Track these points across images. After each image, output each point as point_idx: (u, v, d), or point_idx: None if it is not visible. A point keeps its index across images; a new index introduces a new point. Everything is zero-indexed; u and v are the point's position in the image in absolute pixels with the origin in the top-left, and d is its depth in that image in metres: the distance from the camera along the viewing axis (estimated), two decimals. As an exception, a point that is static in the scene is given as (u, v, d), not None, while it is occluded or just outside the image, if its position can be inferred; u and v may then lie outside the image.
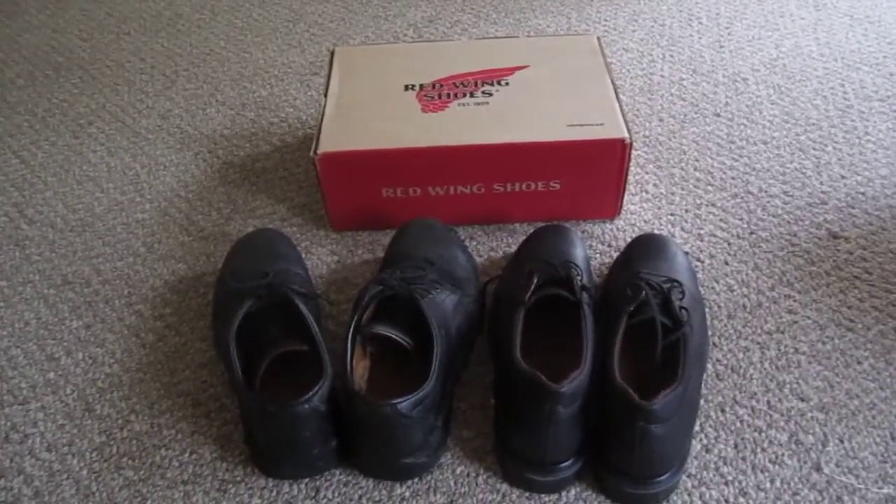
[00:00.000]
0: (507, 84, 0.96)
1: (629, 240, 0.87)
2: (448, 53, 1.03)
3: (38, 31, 1.40)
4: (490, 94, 0.94)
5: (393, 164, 0.89)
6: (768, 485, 0.70)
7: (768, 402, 0.76)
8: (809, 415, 0.75)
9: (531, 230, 0.88)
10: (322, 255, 0.93)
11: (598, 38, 1.03)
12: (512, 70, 0.98)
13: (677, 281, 0.74)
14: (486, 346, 0.81)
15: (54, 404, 0.79)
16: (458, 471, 0.72)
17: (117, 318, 0.88)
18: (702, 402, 0.76)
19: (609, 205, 0.94)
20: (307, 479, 0.72)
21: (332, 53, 1.03)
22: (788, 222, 0.94)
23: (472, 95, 0.94)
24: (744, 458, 0.72)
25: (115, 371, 0.82)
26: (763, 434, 0.73)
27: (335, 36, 1.34)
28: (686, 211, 0.97)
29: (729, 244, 0.92)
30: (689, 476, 0.70)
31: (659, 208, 0.97)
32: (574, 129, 0.88)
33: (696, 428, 0.74)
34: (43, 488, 0.72)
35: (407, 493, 0.70)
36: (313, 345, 0.72)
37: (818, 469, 0.71)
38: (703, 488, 0.70)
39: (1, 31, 1.40)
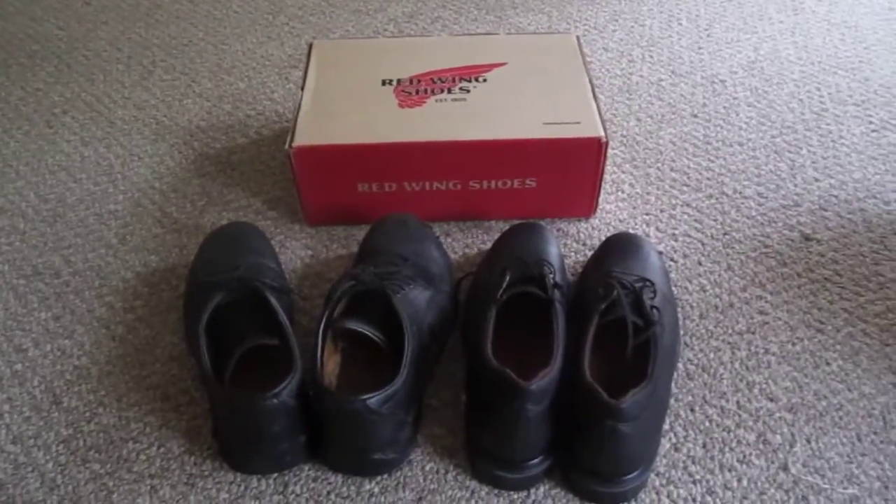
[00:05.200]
0: (484, 81, 0.96)
1: (604, 238, 0.87)
2: (426, 49, 1.03)
3: (14, 19, 1.38)
4: (467, 91, 0.94)
5: (368, 159, 0.89)
6: (735, 484, 0.70)
7: (738, 402, 0.76)
8: (778, 415, 0.75)
9: (507, 227, 0.88)
10: (296, 250, 0.93)
11: (578, 38, 1.03)
12: (490, 67, 0.98)
13: (649, 280, 0.75)
14: (459, 343, 0.81)
15: (21, 396, 0.78)
16: (427, 467, 0.72)
17: (87, 310, 0.87)
18: (672, 401, 0.76)
19: (585, 203, 0.94)
20: (276, 474, 0.71)
21: (310, 47, 1.02)
22: (762, 224, 0.95)
23: (449, 91, 0.94)
24: (712, 458, 0.72)
25: (84, 363, 0.81)
26: (732, 434, 0.74)
27: (315, 29, 1.33)
28: (661, 211, 0.97)
29: (703, 244, 0.93)
30: (657, 474, 0.71)
31: (634, 208, 0.97)
32: (550, 127, 0.88)
33: (666, 427, 0.74)
34: (7, 481, 0.71)
35: (376, 489, 0.70)
36: (284, 339, 0.72)
37: (785, 469, 0.71)
38: (671, 487, 0.70)
39: (-25, 17, 1.38)
